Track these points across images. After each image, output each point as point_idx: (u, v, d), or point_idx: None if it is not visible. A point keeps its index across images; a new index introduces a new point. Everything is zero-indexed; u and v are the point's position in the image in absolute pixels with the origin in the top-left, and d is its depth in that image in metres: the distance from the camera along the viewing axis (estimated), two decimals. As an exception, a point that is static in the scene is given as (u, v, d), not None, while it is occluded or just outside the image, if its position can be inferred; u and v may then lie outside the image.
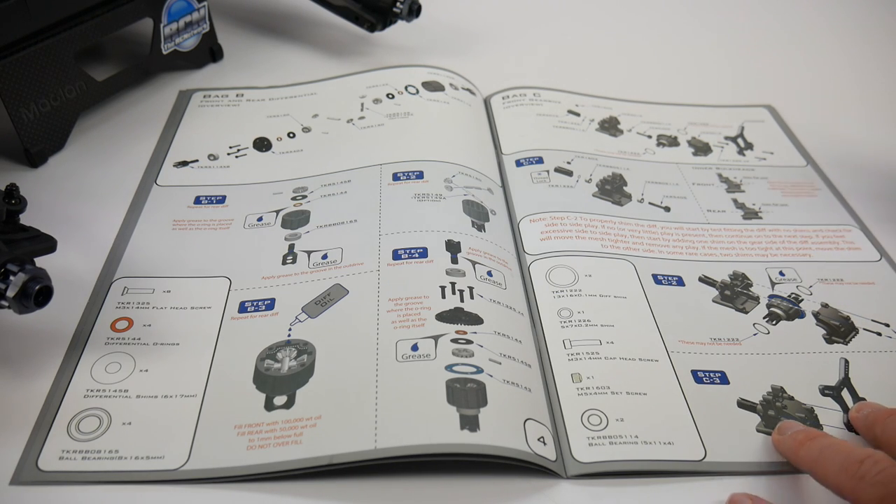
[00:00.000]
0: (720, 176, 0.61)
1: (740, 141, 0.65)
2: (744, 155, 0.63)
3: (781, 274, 0.52)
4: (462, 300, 0.45)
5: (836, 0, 0.89)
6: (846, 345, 0.47)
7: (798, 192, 0.59)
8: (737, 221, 0.56)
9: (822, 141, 0.66)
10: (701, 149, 0.64)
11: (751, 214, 0.57)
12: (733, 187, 0.59)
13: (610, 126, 0.65)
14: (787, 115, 0.69)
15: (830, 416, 0.43)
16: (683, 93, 0.71)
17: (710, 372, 0.44)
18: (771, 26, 0.84)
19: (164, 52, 0.66)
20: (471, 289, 0.46)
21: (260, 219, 0.53)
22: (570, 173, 0.58)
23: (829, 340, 0.47)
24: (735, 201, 0.58)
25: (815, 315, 0.49)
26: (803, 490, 0.39)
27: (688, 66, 0.76)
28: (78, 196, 0.55)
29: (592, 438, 0.40)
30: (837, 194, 0.59)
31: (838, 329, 0.48)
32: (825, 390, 0.44)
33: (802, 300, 0.50)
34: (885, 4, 0.88)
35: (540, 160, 0.60)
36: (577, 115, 0.66)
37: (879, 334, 0.48)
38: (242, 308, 0.46)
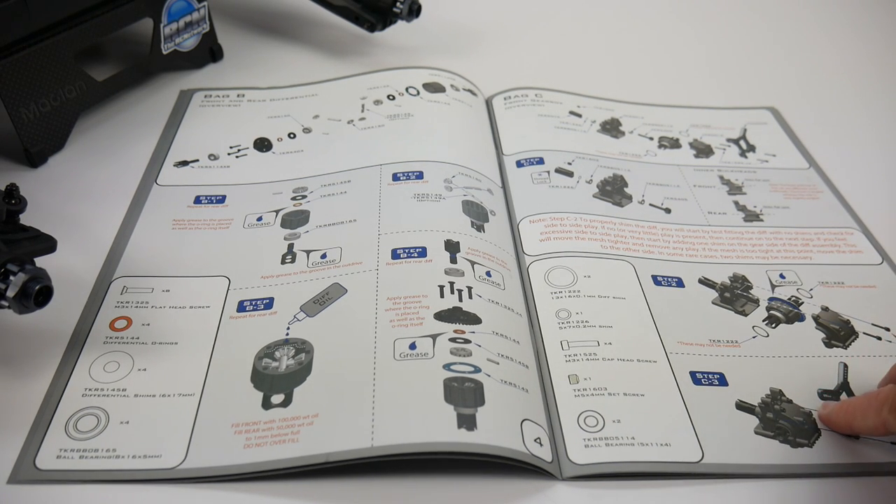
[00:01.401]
0: (721, 178, 0.60)
1: (742, 143, 0.65)
2: (746, 157, 0.63)
3: (782, 276, 0.51)
4: (460, 300, 0.45)
5: (838, 3, 0.89)
6: (845, 349, 0.46)
7: (800, 195, 0.59)
8: (737, 223, 0.56)
9: (825, 143, 0.66)
10: (703, 151, 0.64)
11: (752, 217, 0.57)
12: (734, 189, 0.59)
13: (611, 127, 0.65)
14: (790, 118, 0.69)
15: (829, 418, 0.43)
16: (686, 95, 0.71)
17: (708, 373, 0.44)
18: (773, 29, 0.84)
19: (164, 52, 0.66)
20: (469, 288, 0.46)
21: (259, 218, 0.53)
22: (570, 174, 0.58)
23: (828, 344, 0.47)
24: (736, 203, 0.58)
25: (815, 318, 0.48)
26: (802, 493, 0.39)
27: (690, 68, 0.76)
28: (78, 196, 0.55)
29: (588, 440, 0.40)
30: (840, 197, 0.59)
31: (838, 333, 0.48)
32: (824, 394, 0.44)
33: (802, 303, 0.49)
34: (885, 7, 0.88)
35: (541, 161, 0.60)
36: (579, 116, 0.66)
37: (879, 338, 0.47)
38: (241, 307, 0.46)
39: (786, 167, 0.62)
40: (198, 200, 0.55)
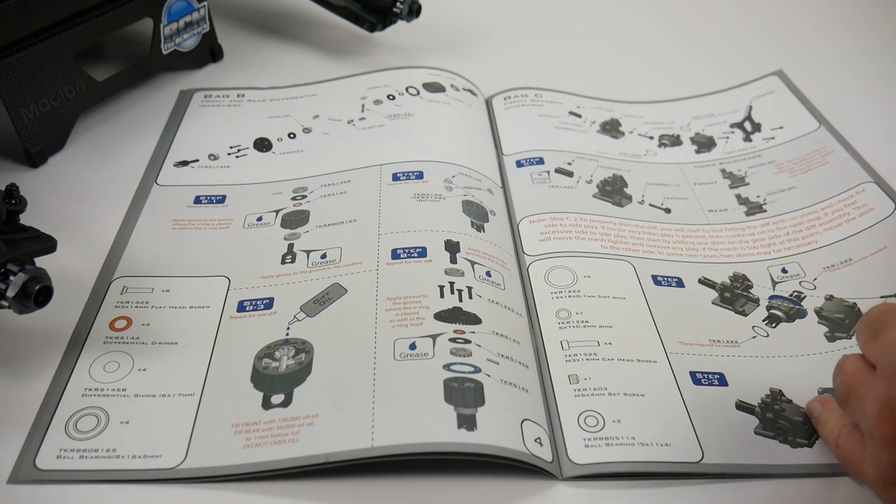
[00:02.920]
0: (723, 171, 0.60)
1: (747, 124, 0.64)
2: (750, 140, 0.63)
3: (784, 271, 0.51)
4: (461, 300, 0.45)
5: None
6: (850, 338, 0.46)
7: (808, 166, 0.59)
8: (739, 219, 0.56)
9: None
10: (704, 144, 0.63)
11: (754, 209, 0.56)
12: (737, 182, 0.59)
13: (611, 128, 0.65)
14: (798, 78, 0.68)
15: (829, 417, 0.42)
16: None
17: (708, 374, 0.44)
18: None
19: (164, 52, 0.66)
20: (469, 289, 0.46)
21: (259, 218, 0.53)
22: (570, 174, 0.58)
23: (830, 338, 0.47)
24: (738, 197, 0.58)
25: (818, 312, 0.48)
26: (802, 493, 0.39)
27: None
28: (78, 196, 0.55)
29: (588, 440, 0.40)
30: (852, 151, 0.59)
31: (842, 322, 0.47)
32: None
33: (805, 297, 0.49)
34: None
35: (541, 161, 0.60)
36: (579, 116, 0.66)
37: None
38: (241, 307, 0.46)
39: (794, 137, 0.62)
40: (198, 200, 0.55)
